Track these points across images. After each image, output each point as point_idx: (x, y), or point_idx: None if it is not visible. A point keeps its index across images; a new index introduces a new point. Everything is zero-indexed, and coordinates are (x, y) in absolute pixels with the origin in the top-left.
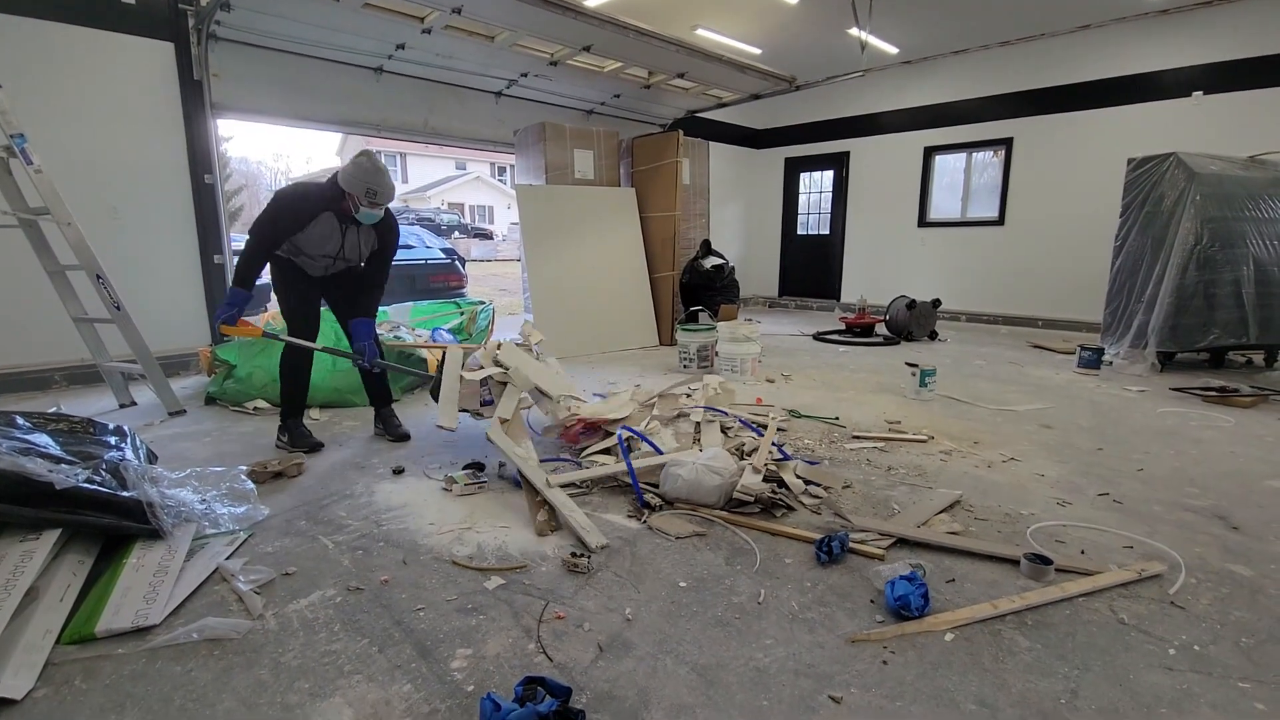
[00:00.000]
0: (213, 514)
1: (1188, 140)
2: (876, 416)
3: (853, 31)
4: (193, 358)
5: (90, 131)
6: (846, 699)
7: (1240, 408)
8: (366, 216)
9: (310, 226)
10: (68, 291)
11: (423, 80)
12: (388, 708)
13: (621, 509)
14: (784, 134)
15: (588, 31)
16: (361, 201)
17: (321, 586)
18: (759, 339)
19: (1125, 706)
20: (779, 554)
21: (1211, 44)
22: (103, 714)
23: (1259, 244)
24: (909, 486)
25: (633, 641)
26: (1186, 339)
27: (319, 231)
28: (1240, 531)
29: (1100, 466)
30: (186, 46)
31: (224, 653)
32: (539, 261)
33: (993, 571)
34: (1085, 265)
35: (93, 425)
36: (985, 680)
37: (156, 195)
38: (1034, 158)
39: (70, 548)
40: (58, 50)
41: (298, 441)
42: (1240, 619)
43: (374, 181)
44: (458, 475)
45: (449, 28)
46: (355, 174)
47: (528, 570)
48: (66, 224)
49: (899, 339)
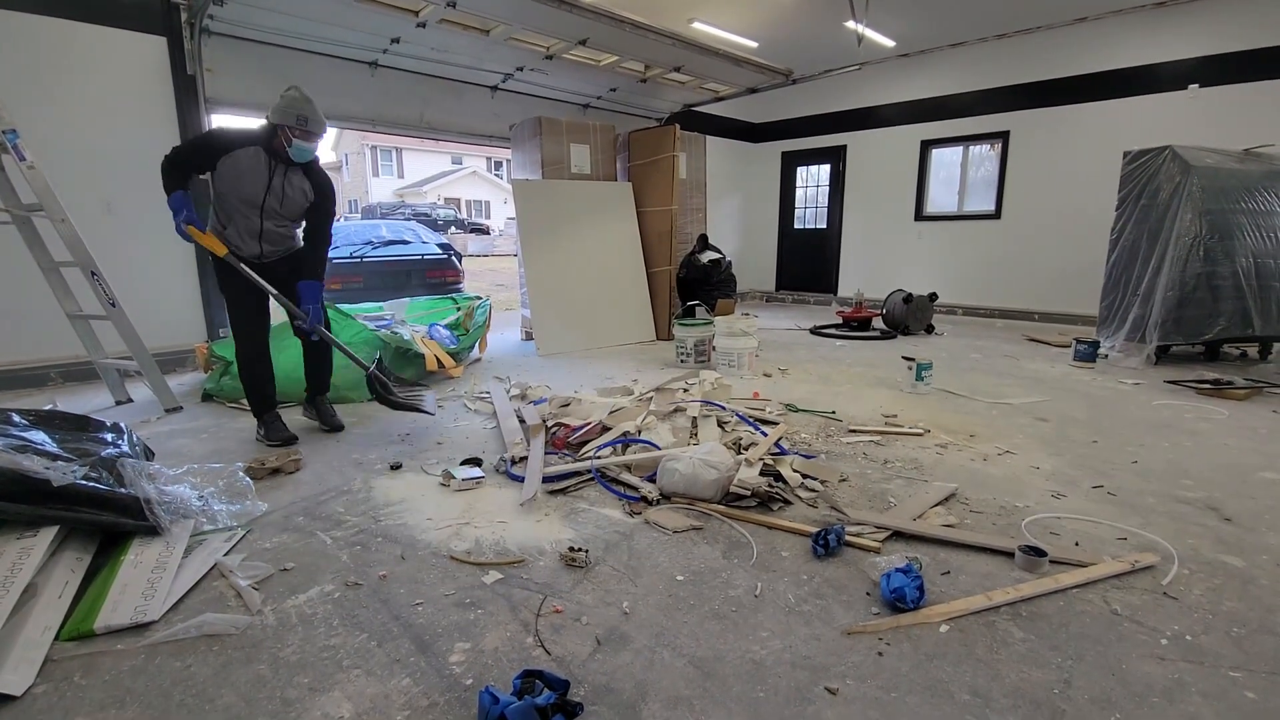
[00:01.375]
0: (210, 510)
1: (1183, 133)
2: (873, 410)
3: (849, 24)
4: (189, 354)
5: (83, 127)
6: (842, 690)
7: (1234, 400)
8: (299, 151)
9: (236, 155)
10: (62, 288)
11: (418, 74)
12: (386, 702)
13: (618, 504)
14: (781, 128)
15: (584, 25)
16: (294, 132)
17: (320, 582)
18: (756, 333)
19: (1118, 696)
20: (775, 547)
21: (1207, 37)
22: (102, 710)
23: (1256, 236)
24: (905, 480)
25: (630, 635)
26: (1191, 330)
27: (245, 165)
28: (1233, 523)
29: (1095, 459)
30: (179, 41)
31: (223, 648)
32: (536, 256)
33: (988, 563)
34: (1081, 259)
35: (89, 422)
36: (979, 671)
37: (151, 192)
38: (1030, 151)
39: (68, 545)
40: (50, 45)
41: (272, 435)
42: (1232, 609)
43: (305, 109)
44: (455, 470)
45: (444, 21)
46: (284, 105)
47: (525, 565)
48: (60, 220)
49: (895, 333)
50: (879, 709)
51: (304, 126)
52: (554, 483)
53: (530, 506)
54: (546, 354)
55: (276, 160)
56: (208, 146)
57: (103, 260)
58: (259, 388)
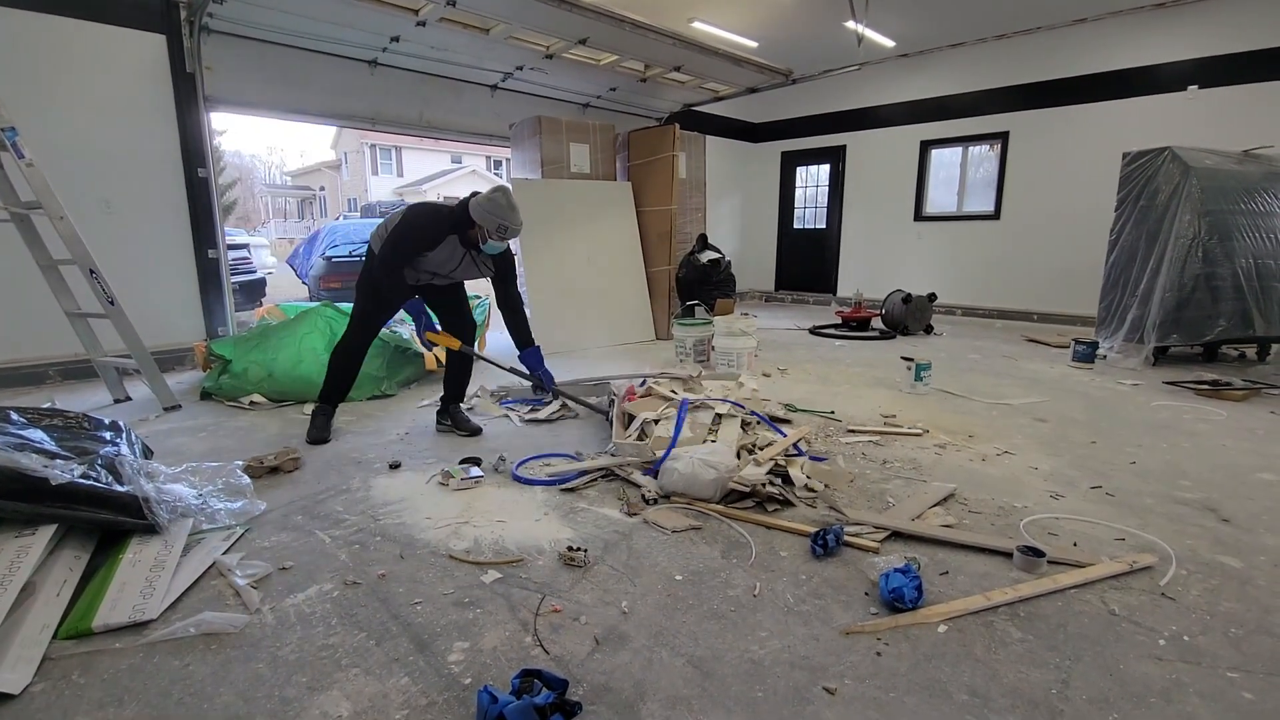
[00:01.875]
0: (209, 509)
1: (1182, 134)
2: (872, 410)
3: (849, 24)
4: (188, 353)
5: (82, 125)
6: (840, 690)
7: (1232, 401)
8: (492, 249)
9: (438, 250)
10: (61, 286)
11: (417, 73)
12: (385, 701)
13: (616, 504)
14: (781, 128)
15: (584, 24)
16: (492, 235)
17: (318, 581)
18: (755, 333)
19: (1115, 696)
20: (774, 547)
21: (1206, 38)
22: (101, 708)
23: (1255, 238)
24: (904, 480)
25: (629, 634)
26: (1191, 331)
27: (442, 255)
28: (1231, 524)
29: (1093, 459)
30: (179, 39)
31: (221, 647)
32: (535, 256)
33: (986, 564)
34: (1080, 259)
35: (88, 420)
36: (977, 671)
37: (150, 189)
38: (1030, 152)
39: (66, 543)
40: (48, 43)
41: (311, 433)
42: (1229, 610)
43: (507, 219)
44: (454, 470)
45: (444, 20)
46: (490, 209)
47: (524, 564)
48: (59, 218)
49: (895, 333)
50: (877, 709)
51: (503, 235)
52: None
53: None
54: (545, 353)
55: (469, 248)
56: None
57: (101, 258)
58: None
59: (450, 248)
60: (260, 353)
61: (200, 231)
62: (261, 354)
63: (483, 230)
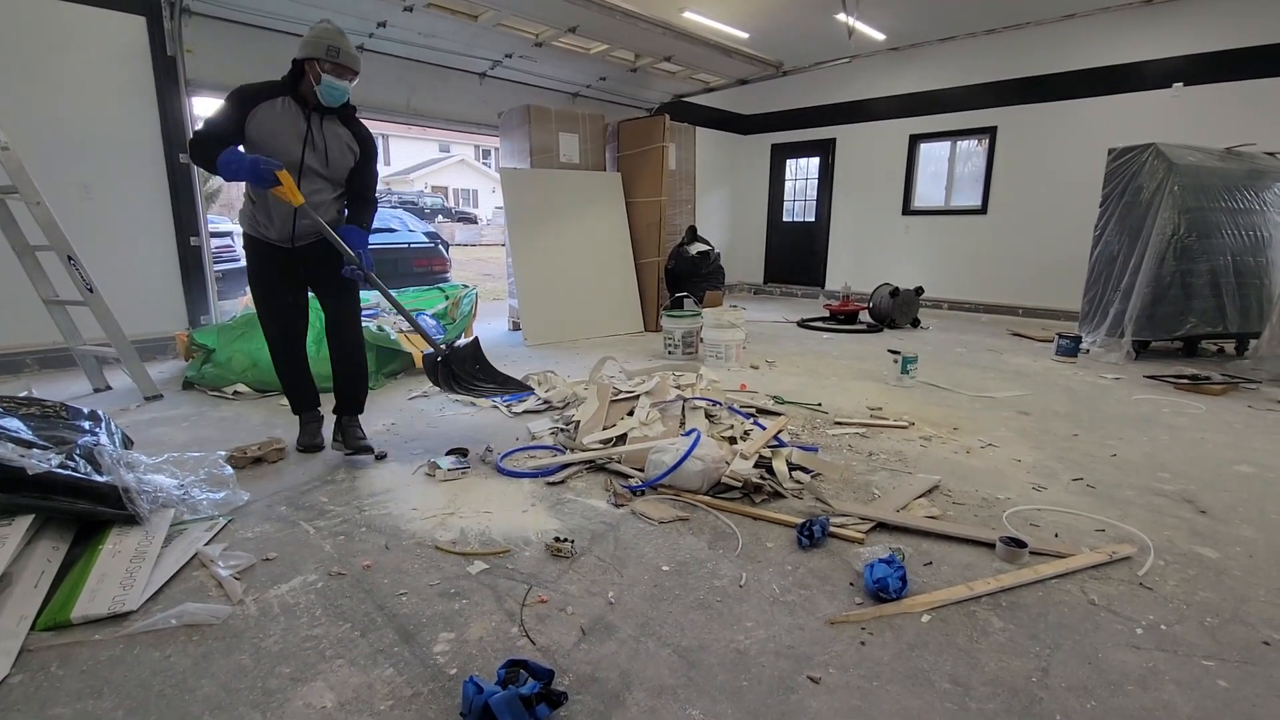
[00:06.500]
0: (191, 499)
1: (1167, 131)
2: (859, 403)
3: (840, 17)
4: (169, 342)
5: (60, 108)
6: (825, 679)
7: (1211, 395)
8: (329, 91)
9: (264, 108)
10: (38, 272)
11: (405, 60)
12: (370, 692)
13: (604, 495)
14: (771, 120)
15: (573, 11)
16: (323, 66)
17: (303, 572)
18: (744, 325)
19: (1094, 684)
20: (761, 538)
21: (1191, 36)
22: (80, 700)
23: (1235, 234)
24: (889, 472)
25: (615, 624)
26: (1164, 327)
27: (276, 118)
28: (1208, 515)
29: (1075, 452)
30: (159, 21)
31: (203, 638)
32: (524, 246)
33: (969, 554)
34: (1065, 254)
35: (66, 410)
36: (960, 660)
37: (130, 175)
38: (1017, 147)
39: (44, 533)
40: (24, 23)
41: (300, 439)
42: (1205, 599)
43: (336, 40)
44: (441, 461)
45: (431, 5)
46: (312, 36)
47: (511, 555)
48: (35, 203)
49: (882, 326)
50: (861, 697)
51: (334, 59)
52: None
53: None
54: (534, 344)
55: (310, 112)
56: (231, 107)
57: (80, 244)
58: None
59: (288, 114)
60: (245, 342)
61: (182, 219)
62: (246, 343)
63: (313, 67)
